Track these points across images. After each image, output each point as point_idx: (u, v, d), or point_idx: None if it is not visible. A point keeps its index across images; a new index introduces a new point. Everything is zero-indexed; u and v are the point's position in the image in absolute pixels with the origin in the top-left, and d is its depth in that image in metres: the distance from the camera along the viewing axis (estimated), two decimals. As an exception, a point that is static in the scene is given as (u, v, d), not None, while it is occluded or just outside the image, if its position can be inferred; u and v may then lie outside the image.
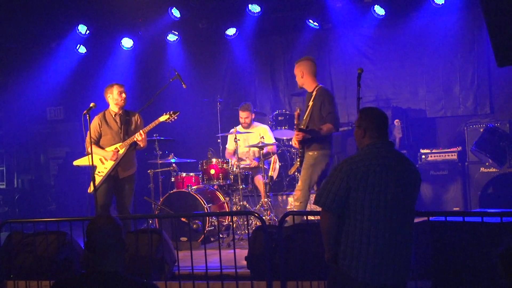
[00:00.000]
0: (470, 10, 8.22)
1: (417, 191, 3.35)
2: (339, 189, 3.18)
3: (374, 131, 3.29)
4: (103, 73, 9.52)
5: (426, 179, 7.93)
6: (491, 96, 8.44)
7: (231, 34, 9.16)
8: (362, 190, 3.14)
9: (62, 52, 9.42)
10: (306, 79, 5.81)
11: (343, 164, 3.25)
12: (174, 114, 6.25)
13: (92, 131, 6.19)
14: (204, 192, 7.20)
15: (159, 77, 9.17)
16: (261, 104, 9.58)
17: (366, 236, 3.14)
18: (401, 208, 3.20)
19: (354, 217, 3.18)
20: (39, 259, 5.32)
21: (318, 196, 3.28)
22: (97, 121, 6.25)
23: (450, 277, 4.26)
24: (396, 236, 3.17)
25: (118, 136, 6.24)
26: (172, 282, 5.10)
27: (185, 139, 9.23)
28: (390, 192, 3.16)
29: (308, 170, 5.64)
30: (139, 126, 6.32)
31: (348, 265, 3.18)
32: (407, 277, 3.25)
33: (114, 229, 2.79)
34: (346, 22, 8.75)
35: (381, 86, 8.96)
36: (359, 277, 3.14)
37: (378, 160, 3.20)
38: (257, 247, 4.97)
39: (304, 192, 5.64)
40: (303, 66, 5.81)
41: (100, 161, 6.19)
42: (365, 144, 3.31)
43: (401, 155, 3.35)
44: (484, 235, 4.04)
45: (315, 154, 5.64)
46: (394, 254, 3.16)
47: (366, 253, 3.13)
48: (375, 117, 3.33)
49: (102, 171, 6.15)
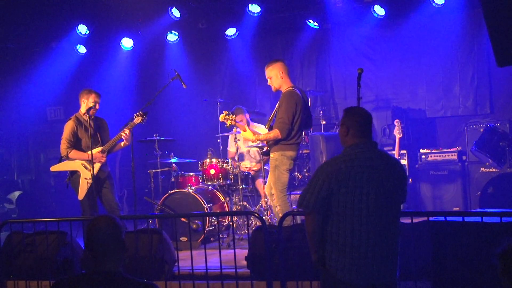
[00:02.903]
0: (470, 10, 8.22)
1: (403, 189, 3.32)
2: (321, 190, 3.18)
3: (357, 130, 3.29)
4: (103, 73, 9.52)
5: (426, 179, 7.94)
6: (491, 96, 8.44)
7: (231, 34, 9.16)
8: (344, 191, 3.14)
9: (62, 52, 9.42)
10: (285, 80, 5.76)
11: (324, 166, 3.26)
12: (144, 114, 6.30)
13: (70, 134, 6.21)
14: (204, 192, 7.20)
15: (159, 77, 9.17)
16: (261, 104, 9.58)
17: (349, 237, 3.14)
18: (386, 208, 3.19)
19: (337, 218, 3.18)
20: (39, 259, 5.33)
21: (301, 198, 3.28)
22: (72, 124, 6.26)
23: (450, 277, 4.26)
24: (382, 235, 3.16)
25: (95, 139, 6.29)
26: (172, 282, 5.10)
27: (185, 139, 9.23)
28: (373, 193, 3.15)
29: (274, 172, 5.65)
30: (107, 130, 6.49)
31: (334, 266, 3.18)
32: (395, 276, 3.25)
33: (114, 229, 2.79)
34: (346, 22, 8.75)
35: (381, 86, 8.96)
36: (345, 278, 3.14)
37: (360, 161, 3.20)
38: (257, 247, 4.97)
39: (277, 195, 5.63)
40: (280, 66, 5.76)
41: (83, 166, 6.21)
42: (348, 144, 3.31)
43: (385, 155, 3.34)
44: (484, 235, 4.04)
45: (275, 156, 5.65)
46: (380, 253, 3.15)
47: (350, 253, 3.13)
48: (358, 116, 3.33)
49: (89, 177, 6.15)
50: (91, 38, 9.17)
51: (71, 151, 6.19)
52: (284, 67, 5.77)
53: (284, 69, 5.76)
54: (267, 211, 6.95)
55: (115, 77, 9.36)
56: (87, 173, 6.17)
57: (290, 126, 5.56)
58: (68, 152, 6.20)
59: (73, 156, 6.21)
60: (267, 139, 5.75)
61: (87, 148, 6.20)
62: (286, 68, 5.79)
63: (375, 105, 8.89)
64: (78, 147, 6.24)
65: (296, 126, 5.62)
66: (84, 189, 6.15)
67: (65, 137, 6.24)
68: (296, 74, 9.35)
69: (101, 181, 6.30)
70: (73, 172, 6.25)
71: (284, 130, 5.55)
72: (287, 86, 5.74)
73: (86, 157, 6.16)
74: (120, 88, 9.60)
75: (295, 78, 9.11)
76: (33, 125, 10.53)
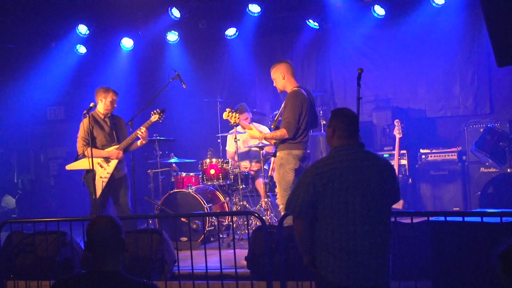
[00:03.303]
0: (470, 10, 8.21)
1: (392, 189, 3.27)
2: (307, 194, 3.17)
3: (342, 131, 3.28)
4: (103, 73, 9.51)
5: (426, 179, 7.94)
6: (491, 96, 8.44)
7: (231, 34, 9.16)
8: (330, 194, 3.13)
9: (62, 52, 9.41)
10: (288, 80, 5.80)
11: (309, 169, 3.25)
12: (162, 112, 6.34)
13: (85, 133, 6.19)
14: (204, 192, 7.20)
15: (159, 77, 9.16)
16: (261, 104, 9.58)
17: (337, 239, 3.13)
18: (374, 209, 3.16)
19: (325, 221, 3.17)
20: (39, 259, 5.33)
21: (288, 203, 3.28)
22: (87, 123, 6.26)
23: (450, 277, 4.26)
24: (371, 237, 3.14)
25: (111, 137, 6.29)
26: (172, 282, 5.10)
27: (185, 139, 9.23)
28: (359, 194, 3.13)
29: (279, 171, 5.66)
30: (124, 129, 6.48)
31: (324, 269, 3.17)
32: (387, 277, 3.22)
33: (114, 229, 2.79)
34: (346, 22, 8.74)
35: (381, 86, 8.95)
36: (335, 280, 3.13)
37: (344, 163, 3.18)
38: (257, 247, 4.97)
39: (281, 194, 5.64)
40: (283, 68, 5.79)
41: (99, 165, 6.21)
42: (334, 146, 3.30)
43: (371, 155, 3.31)
44: (484, 235, 4.04)
45: (281, 154, 5.67)
46: (369, 255, 3.13)
47: (339, 256, 3.13)
48: (343, 117, 3.32)
49: (104, 176, 6.18)
50: (91, 38, 9.17)
51: (87, 149, 6.18)
52: (287, 67, 5.79)
53: (286, 70, 5.78)
54: (267, 211, 6.94)
55: (115, 77, 9.35)
56: (103, 172, 6.20)
57: (297, 125, 5.59)
58: (84, 150, 6.21)
59: (89, 154, 6.21)
60: (273, 138, 5.78)
61: (102, 147, 6.25)
62: (289, 68, 5.81)
63: (375, 105, 8.89)
64: (94, 145, 6.23)
65: (303, 125, 5.65)
66: (99, 188, 6.16)
67: (81, 136, 6.25)
68: (296, 74, 9.22)
69: (116, 181, 6.30)
70: (88, 171, 6.25)
71: (291, 130, 5.57)
72: (292, 87, 5.78)
73: (103, 154, 6.19)
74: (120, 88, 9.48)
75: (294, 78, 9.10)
76: (33, 125, 10.53)
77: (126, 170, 6.49)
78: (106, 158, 6.25)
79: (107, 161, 6.25)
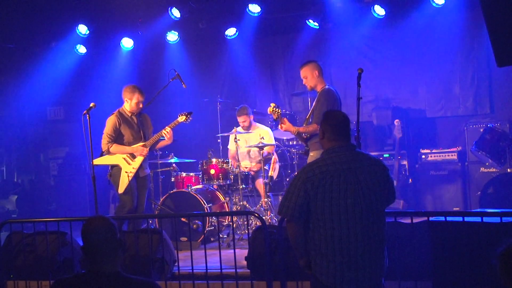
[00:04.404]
0: (470, 10, 8.21)
1: (385, 190, 3.24)
2: (299, 197, 3.17)
3: (332, 133, 3.28)
4: (103, 73, 9.52)
5: (426, 179, 7.94)
6: (491, 96, 8.44)
7: (231, 34, 9.15)
8: (321, 197, 3.13)
9: (62, 52, 9.41)
10: (320, 79, 5.91)
11: (300, 172, 3.25)
12: (189, 114, 6.42)
13: (111, 130, 6.24)
14: (204, 192, 7.20)
15: (159, 77, 9.15)
16: (261, 104, 9.56)
17: (330, 241, 3.13)
18: (366, 210, 3.14)
19: (317, 223, 3.17)
20: (39, 259, 5.33)
21: (281, 206, 3.28)
22: (115, 119, 6.28)
23: (450, 277, 4.25)
24: (364, 238, 3.13)
25: (138, 135, 6.33)
26: (172, 282, 5.11)
27: (185, 139, 9.22)
28: (351, 196, 3.12)
29: None
30: (150, 126, 6.51)
31: (319, 271, 3.18)
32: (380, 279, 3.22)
33: (108, 229, 2.77)
34: (346, 22, 8.74)
35: (381, 86, 8.95)
36: (329, 283, 3.14)
37: (335, 165, 3.17)
38: (257, 247, 4.97)
39: None
40: (315, 66, 5.92)
41: (125, 160, 6.24)
42: (325, 148, 3.30)
43: (364, 156, 3.29)
44: (484, 235, 4.04)
45: (315, 154, 5.65)
46: (362, 257, 3.12)
47: (333, 258, 3.13)
48: (332, 119, 3.33)
49: (130, 171, 6.21)
50: (91, 38, 9.17)
51: (112, 146, 6.22)
52: (319, 67, 5.93)
53: (319, 69, 5.91)
54: (267, 211, 6.95)
55: (115, 77, 9.34)
56: (128, 167, 6.22)
57: None
58: (109, 147, 6.24)
59: (114, 151, 6.25)
60: (306, 132, 5.81)
61: (129, 144, 6.28)
62: (320, 68, 5.94)
63: (375, 105, 8.89)
64: (120, 142, 6.27)
65: None
66: (124, 183, 6.18)
67: (107, 132, 6.27)
68: (296, 74, 9.33)
69: (140, 180, 6.33)
70: (113, 166, 6.27)
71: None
72: (323, 85, 5.88)
73: (128, 151, 6.22)
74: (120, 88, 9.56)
75: (295, 78, 9.11)
76: (33, 125, 10.52)
77: (149, 170, 6.53)
78: (132, 154, 6.27)
79: (132, 157, 6.26)
